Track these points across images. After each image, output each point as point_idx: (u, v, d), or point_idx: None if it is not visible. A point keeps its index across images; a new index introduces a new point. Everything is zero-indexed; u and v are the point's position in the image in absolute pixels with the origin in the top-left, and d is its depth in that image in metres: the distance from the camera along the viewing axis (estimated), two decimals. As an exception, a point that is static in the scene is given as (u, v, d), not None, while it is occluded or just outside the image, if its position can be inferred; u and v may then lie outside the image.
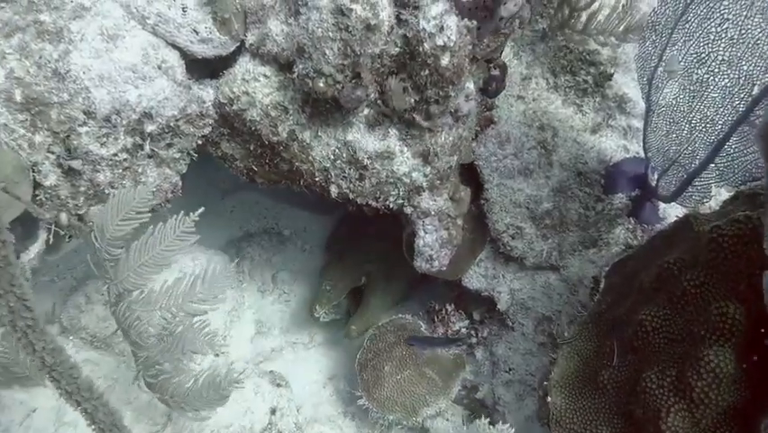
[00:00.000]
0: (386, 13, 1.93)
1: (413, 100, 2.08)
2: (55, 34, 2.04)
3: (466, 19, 1.94)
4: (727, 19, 2.06)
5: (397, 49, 2.00)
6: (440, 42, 1.92)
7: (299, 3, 2.04)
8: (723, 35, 2.08)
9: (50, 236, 2.20)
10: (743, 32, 2.04)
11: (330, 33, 1.96)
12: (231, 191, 3.72)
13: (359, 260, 3.12)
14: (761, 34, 2.02)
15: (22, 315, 1.57)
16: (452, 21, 1.91)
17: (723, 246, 1.72)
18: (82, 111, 2.07)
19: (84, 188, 2.18)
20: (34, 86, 2.02)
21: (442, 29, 1.91)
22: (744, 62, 2.07)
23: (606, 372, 1.98)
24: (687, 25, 2.12)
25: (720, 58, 2.09)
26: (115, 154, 2.16)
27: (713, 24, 2.07)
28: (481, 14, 1.96)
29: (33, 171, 2.12)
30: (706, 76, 2.12)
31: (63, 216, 2.19)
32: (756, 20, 2.02)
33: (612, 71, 2.49)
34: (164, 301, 2.22)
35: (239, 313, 3.22)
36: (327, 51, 1.98)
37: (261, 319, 3.29)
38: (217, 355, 3.11)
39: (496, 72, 2.30)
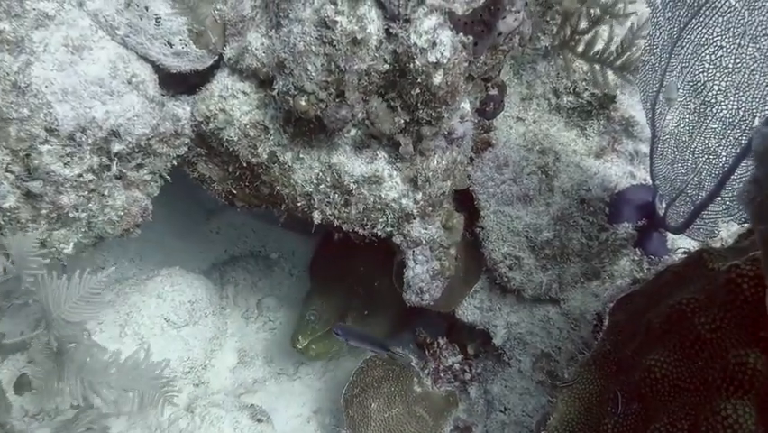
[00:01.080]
0: (374, 27, 1.77)
1: (402, 121, 1.92)
2: (15, 44, 1.89)
3: (461, 34, 1.77)
4: (721, 47, 1.91)
5: (387, 65, 1.84)
6: (432, 59, 1.76)
7: (281, 14, 1.88)
8: (718, 64, 1.92)
9: (9, 263, 2.03)
10: (738, 60, 1.89)
11: (313, 48, 1.80)
12: (216, 211, 3.55)
13: (345, 289, 2.94)
14: (755, 64, 1.87)
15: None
16: (445, 36, 1.75)
17: (742, 287, 1.55)
18: (44, 128, 1.92)
19: (46, 211, 2.01)
20: (-8, 101, 1.87)
21: (434, 44, 1.75)
22: (741, 93, 1.92)
23: (609, 420, 1.80)
24: (682, 51, 1.97)
25: (717, 87, 1.94)
26: (80, 175, 2.00)
27: (707, 52, 1.92)
28: (478, 29, 1.79)
29: (-9, 193, 1.96)
30: (703, 106, 1.97)
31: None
32: (750, 49, 1.87)
33: (616, 93, 2.33)
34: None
35: (221, 341, 3.05)
36: (310, 67, 1.82)
37: (244, 348, 3.11)
38: (197, 385, 2.96)
39: (494, 92, 2.14)
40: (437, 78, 1.79)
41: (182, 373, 2.82)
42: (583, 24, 2.27)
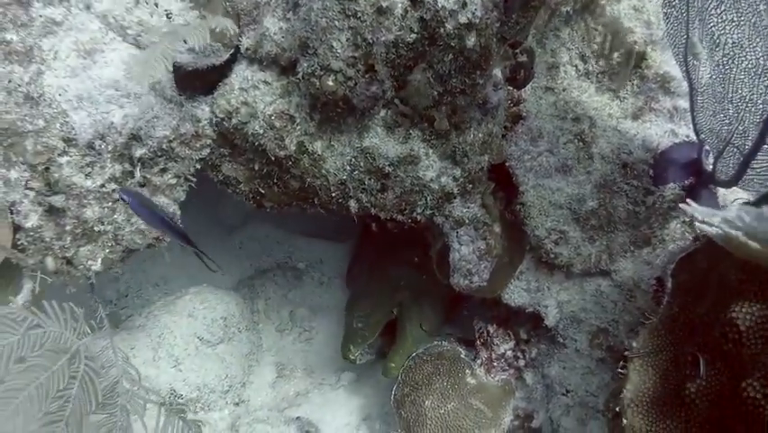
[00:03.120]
0: (398, -6, 1.68)
1: (436, 93, 1.82)
2: (24, 54, 1.81)
3: (491, -8, 1.69)
4: (723, 1, 1.84)
5: (414, 35, 1.74)
6: (463, 20, 1.66)
7: (298, -6, 1.79)
8: (725, 18, 1.85)
9: (36, 285, 1.94)
10: (740, 15, 1.82)
11: (336, 23, 1.71)
12: (238, 226, 3.46)
13: (387, 290, 2.80)
14: (755, 18, 1.81)
15: None
16: (475, -6, 1.66)
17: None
18: (61, 138, 1.83)
19: (70, 227, 1.92)
20: (4, 114, 1.78)
21: (465, 5, 1.65)
22: (756, 45, 1.84)
23: (692, 384, 1.68)
24: (696, 3, 1.88)
25: (731, 41, 1.86)
26: (103, 185, 1.92)
27: (713, 6, 1.85)
28: (508, -15, 1.71)
29: (11, 212, 1.87)
30: (725, 59, 1.89)
31: (49, 261, 1.94)
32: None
33: (646, 49, 2.23)
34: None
35: (257, 357, 2.94)
36: (335, 44, 1.73)
37: (282, 361, 2.99)
38: (237, 404, 2.85)
39: (523, 58, 2.05)
40: (470, 41, 1.70)
41: (221, 393, 2.71)
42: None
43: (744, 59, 1.87)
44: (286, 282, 3.25)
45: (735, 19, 1.85)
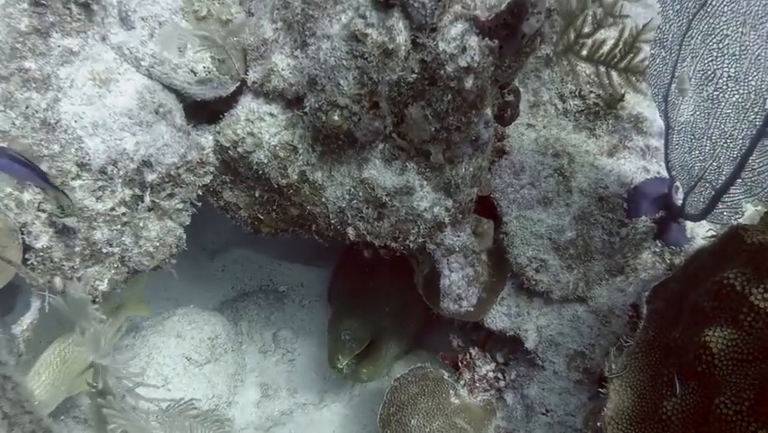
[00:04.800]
0: (402, 38, 1.81)
1: (433, 129, 1.95)
2: (42, 82, 1.90)
3: (487, 39, 1.83)
4: (727, 35, 2.01)
5: (414, 75, 1.87)
6: (463, 64, 1.80)
7: (306, 33, 1.91)
8: (726, 51, 2.01)
9: (46, 304, 2.00)
10: (743, 48, 1.99)
11: (344, 62, 1.83)
12: (220, 251, 3.53)
13: (372, 308, 2.94)
14: (759, 50, 1.97)
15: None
16: (473, 41, 1.80)
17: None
18: (75, 163, 1.91)
19: (79, 249, 1.99)
20: (21, 138, 1.86)
21: (464, 50, 1.79)
22: (750, 78, 2.01)
23: (668, 402, 1.82)
24: (692, 42, 2.05)
25: (727, 74, 2.03)
26: (113, 208, 1.99)
27: (715, 41, 2.01)
28: (503, 33, 1.85)
29: (23, 233, 1.93)
30: (716, 93, 2.06)
31: (58, 281, 2.00)
32: (753, 36, 1.97)
33: (623, 93, 2.41)
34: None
35: (242, 376, 3.01)
36: (342, 81, 1.85)
37: (266, 382, 3.07)
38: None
39: (510, 98, 2.19)
40: (468, 83, 1.83)
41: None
42: (587, 29, 2.35)
43: (736, 92, 2.01)
44: (268, 305, 3.33)
45: (737, 53, 1.99)
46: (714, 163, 2.09)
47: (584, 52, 2.39)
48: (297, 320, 3.32)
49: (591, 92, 2.46)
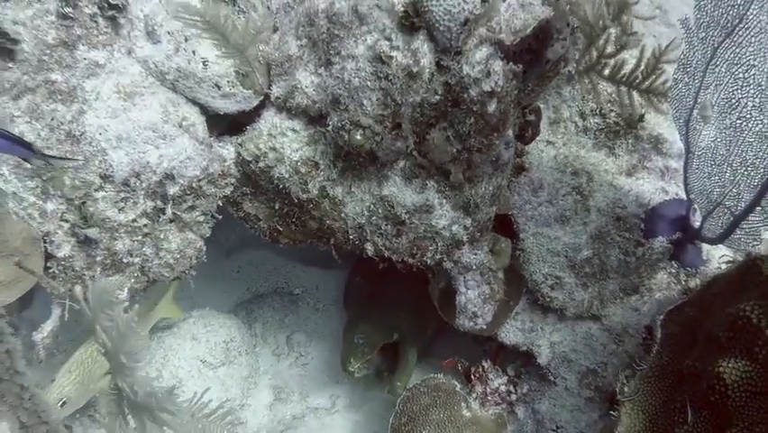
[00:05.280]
0: (427, 60, 1.82)
1: (455, 150, 1.96)
2: (68, 94, 1.92)
3: (511, 63, 1.83)
4: (754, 65, 2.00)
5: (438, 96, 1.88)
6: (487, 88, 1.81)
7: (331, 52, 1.92)
8: (752, 81, 2.01)
9: (66, 312, 2.03)
10: None
11: (368, 83, 1.84)
12: (236, 249, 3.55)
13: (387, 315, 2.96)
14: None
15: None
16: (497, 66, 1.80)
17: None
18: (99, 175, 1.94)
19: (100, 258, 2.02)
20: (46, 150, 1.88)
21: (488, 74, 1.80)
22: None
23: (680, 430, 1.83)
24: (717, 70, 2.05)
25: (751, 104, 2.03)
26: (134, 220, 2.02)
27: (741, 71, 2.01)
28: (527, 57, 1.86)
29: (45, 242, 1.96)
30: (739, 121, 2.05)
31: (78, 289, 2.02)
32: None
33: (644, 113, 2.41)
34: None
35: (255, 379, 3.04)
36: (365, 102, 1.86)
37: (279, 385, 3.10)
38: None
39: (531, 117, 2.19)
40: (492, 107, 1.84)
41: (221, 414, 2.80)
42: (609, 49, 2.34)
43: (759, 122, 2.01)
44: (282, 307, 3.36)
45: (763, 83, 1.99)
46: (734, 190, 2.09)
47: (606, 72, 2.38)
48: (310, 323, 3.34)
49: (612, 111, 2.46)
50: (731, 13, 1.93)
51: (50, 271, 2.00)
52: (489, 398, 2.62)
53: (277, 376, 3.13)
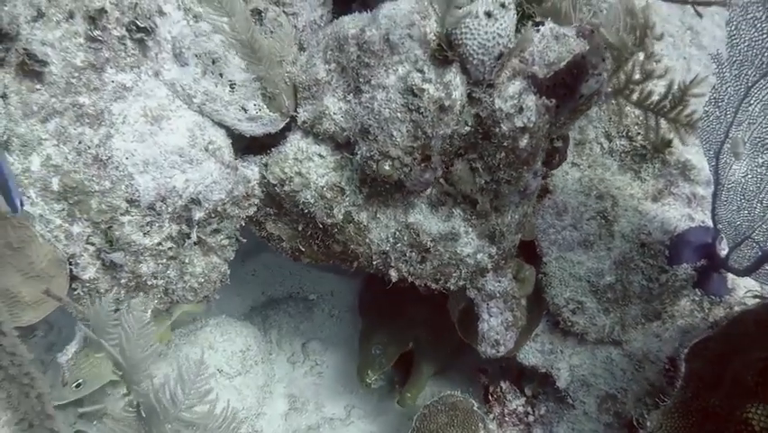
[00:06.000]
0: (458, 93, 1.80)
1: (483, 182, 1.94)
2: (95, 117, 1.89)
3: (544, 97, 1.81)
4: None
5: (468, 128, 1.86)
6: (519, 124, 1.79)
7: (360, 80, 1.90)
8: None
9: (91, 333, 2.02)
10: None
11: (399, 114, 1.82)
12: (251, 252, 3.54)
13: (404, 324, 2.95)
14: None
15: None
16: (530, 101, 1.78)
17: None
18: (125, 199, 1.92)
19: (125, 281, 2.02)
20: (73, 173, 1.87)
21: (521, 110, 1.78)
22: None
23: (703, 472, 1.84)
24: (750, 108, 2.02)
25: None
26: (159, 243, 2.01)
27: None
28: (560, 92, 1.83)
29: (70, 264, 1.96)
30: None
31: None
32: None
33: (671, 137, 2.38)
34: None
35: (270, 388, 3.04)
36: (395, 133, 1.84)
37: (294, 393, 3.10)
38: (249, 434, 2.95)
39: (559, 144, 2.16)
40: (523, 142, 1.82)
41: (237, 424, 2.81)
42: (637, 75, 2.31)
43: None
44: (298, 313, 3.35)
45: None
46: (764, 226, 2.07)
47: (634, 97, 2.35)
48: (325, 330, 3.34)
49: (639, 133, 2.43)
50: (766, 55, 1.90)
51: (75, 292, 1.99)
52: (507, 419, 2.62)
53: (292, 384, 3.13)
